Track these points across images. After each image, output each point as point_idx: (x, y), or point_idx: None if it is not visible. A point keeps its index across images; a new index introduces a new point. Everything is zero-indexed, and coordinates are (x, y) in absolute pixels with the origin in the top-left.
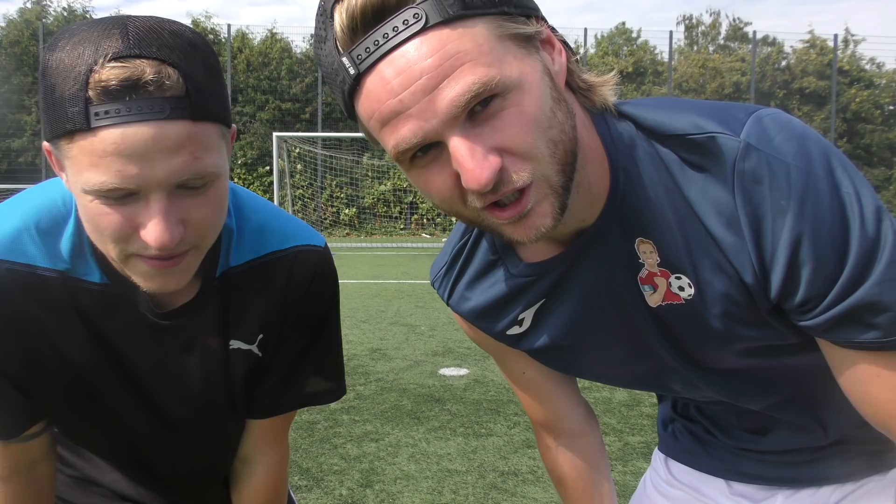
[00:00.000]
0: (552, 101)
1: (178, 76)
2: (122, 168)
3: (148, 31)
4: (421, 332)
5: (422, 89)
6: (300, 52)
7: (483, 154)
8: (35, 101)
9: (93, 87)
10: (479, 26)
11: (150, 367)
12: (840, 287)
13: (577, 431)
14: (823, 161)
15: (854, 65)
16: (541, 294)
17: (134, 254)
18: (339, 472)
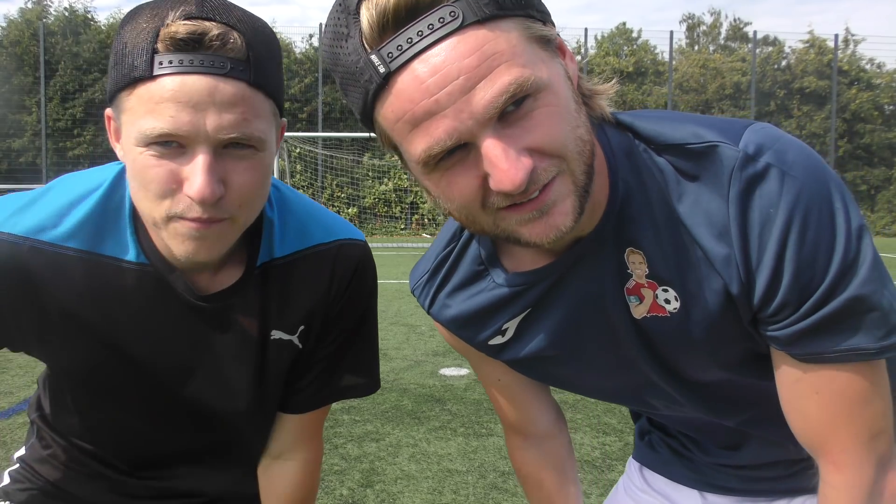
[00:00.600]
0: (575, 103)
1: (242, 41)
2: (175, 114)
3: (221, 2)
4: (421, 332)
5: (459, 89)
6: (300, 53)
7: (516, 155)
8: (35, 101)
9: (161, 39)
10: (511, 27)
11: (183, 350)
12: (813, 300)
13: (546, 434)
14: (817, 173)
15: (854, 65)
16: (527, 304)
17: (176, 216)
18: (340, 472)
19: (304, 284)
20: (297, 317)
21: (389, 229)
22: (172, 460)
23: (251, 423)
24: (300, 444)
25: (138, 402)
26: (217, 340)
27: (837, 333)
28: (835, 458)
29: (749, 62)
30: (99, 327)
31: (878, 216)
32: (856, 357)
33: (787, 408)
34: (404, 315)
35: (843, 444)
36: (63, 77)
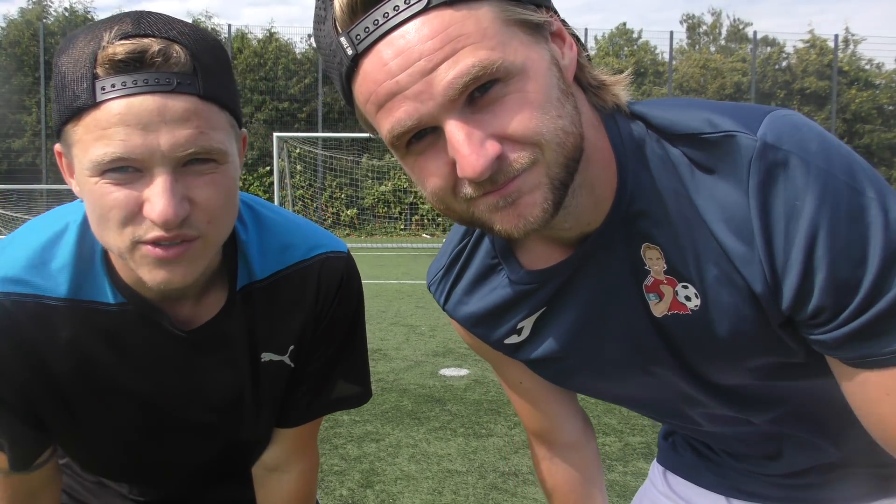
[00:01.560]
0: (559, 91)
1: (185, 54)
2: (125, 138)
3: (159, 17)
4: (421, 332)
5: (420, 71)
6: (300, 53)
7: (481, 140)
8: (35, 101)
9: (100, 63)
10: (484, 8)
11: (177, 382)
12: (857, 301)
13: (573, 443)
14: (844, 162)
15: (854, 65)
16: (542, 302)
17: (139, 241)
18: (340, 473)
19: (289, 304)
20: (287, 337)
21: (389, 230)
22: (178, 479)
23: (253, 439)
24: (296, 456)
25: (141, 433)
26: (208, 369)
27: (889, 333)
28: None
29: (749, 62)
30: (94, 371)
31: None
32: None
33: (860, 414)
34: (404, 315)
35: None
36: None
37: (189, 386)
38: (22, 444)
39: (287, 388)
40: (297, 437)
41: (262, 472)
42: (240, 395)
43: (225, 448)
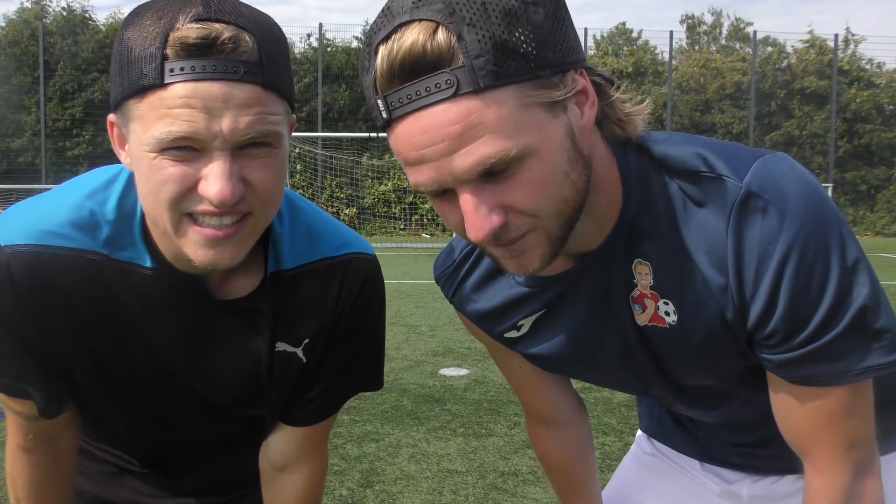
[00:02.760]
0: (568, 163)
1: (254, 43)
2: (190, 118)
3: (230, 3)
4: (421, 332)
5: (442, 151)
6: (299, 53)
7: (487, 212)
8: (34, 101)
9: (171, 44)
10: (507, 97)
11: (193, 356)
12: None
13: (569, 422)
14: (817, 213)
15: (854, 65)
16: (542, 305)
17: (190, 216)
18: (340, 473)
19: (311, 298)
20: (303, 330)
21: (389, 229)
22: (189, 452)
23: (265, 416)
24: (306, 456)
25: (157, 397)
26: (231, 342)
27: (824, 362)
28: (815, 463)
29: (749, 62)
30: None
31: (877, 216)
32: (839, 380)
33: (775, 412)
34: (404, 315)
35: (822, 451)
36: (62, 77)
37: (211, 355)
38: (53, 394)
39: (299, 386)
40: (308, 437)
41: (271, 472)
42: (252, 378)
43: (237, 423)
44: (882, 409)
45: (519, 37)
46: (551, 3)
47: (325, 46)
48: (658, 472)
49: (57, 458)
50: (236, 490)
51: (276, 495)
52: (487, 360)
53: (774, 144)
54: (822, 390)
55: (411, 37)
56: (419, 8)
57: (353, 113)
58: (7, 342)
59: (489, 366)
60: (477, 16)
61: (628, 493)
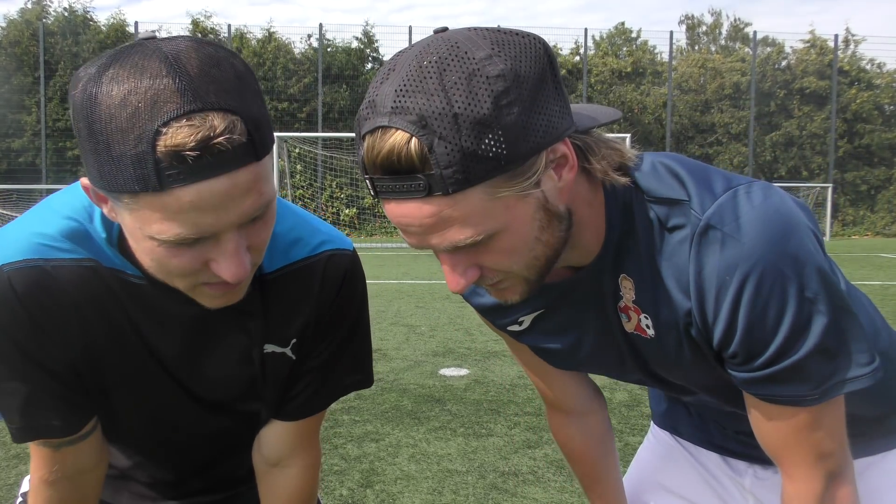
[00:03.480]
0: (538, 230)
1: (241, 123)
2: (198, 220)
3: (200, 75)
4: (421, 332)
5: (419, 232)
6: (299, 53)
7: (462, 271)
8: (35, 101)
9: (163, 149)
10: (474, 194)
11: (189, 358)
12: (763, 359)
13: (586, 410)
14: (776, 246)
15: (854, 65)
16: (541, 306)
17: (201, 283)
18: (340, 473)
19: (295, 298)
20: (290, 330)
21: (389, 229)
22: (189, 451)
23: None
24: (298, 450)
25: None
26: (221, 347)
27: (783, 384)
28: (788, 471)
29: (748, 62)
30: (124, 329)
31: (878, 216)
32: (800, 402)
33: (751, 422)
34: (404, 315)
35: (792, 460)
36: (63, 77)
37: (206, 357)
38: (65, 410)
39: (288, 381)
40: (299, 431)
41: (265, 467)
42: (247, 376)
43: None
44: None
45: (489, 143)
46: (529, 91)
47: (325, 46)
48: (671, 460)
49: (80, 492)
50: (234, 488)
51: (271, 490)
52: (487, 360)
53: (774, 144)
54: (787, 408)
55: (388, 142)
56: (396, 115)
57: (353, 113)
58: (19, 363)
59: (489, 366)
60: (447, 129)
61: (646, 478)
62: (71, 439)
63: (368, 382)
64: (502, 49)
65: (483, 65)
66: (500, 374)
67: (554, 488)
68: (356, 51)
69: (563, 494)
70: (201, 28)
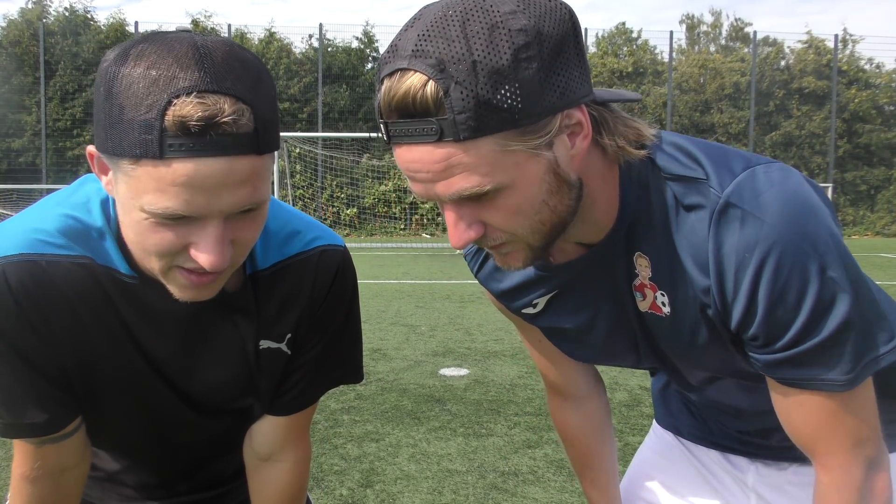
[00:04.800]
0: (547, 193)
1: (250, 113)
2: (189, 198)
3: (223, 63)
4: (421, 332)
5: (427, 179)
6: (300, 53)
7: (465, 226)
8: (35, 101)
9: (171, 119)
10: (486, 144)
11: (183, 356)
12: (785, 340)
13: (585, 395)
14: (797, 224)
15: (853, 65)
16: (555, 287)
17: (176, 266)
18: (340, 472)
19: (289, 294)
20: (284, 326)
21: (389, 229)
22: (182, 449)
23: (255, 411)
24: (289, 444)
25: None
26: (216, 345)
27: (809, 367)
28: (823, 461)
29: (748, 62)
30: (118, 327)
31: (877, 216)
32: (824, 386)
33: (778, 412)
34: (404, 315)
35: (828, 449)
36: (63, 77)
37: (201, 354)
38: (50, 407)
39: (282, 376)
40: (290, 425)
41: (255, 462)
42: (243, 373)
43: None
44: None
45: (504, 94)
46: (550, 51)
47: (325, 46)
48: (671, 458)
49: (61, 490)
50: (223, 485)
51: (262, 485)
52: (487, 360)
53: (774, 144)
54: (816, 394)
55: (405, 84)
56: (416, 58)
57: (353, 113)
58: (6, 357)
59: (489, 366)
60: (464, 75)
61: (646, 476)
62: (54, 437)
63: (359, 376)
64: (527, 7)
65: (506, 18)
66: (500, 374)
67: (554, 488)
68: (356, 51)
69: (564, 494)
70: (201, 28)
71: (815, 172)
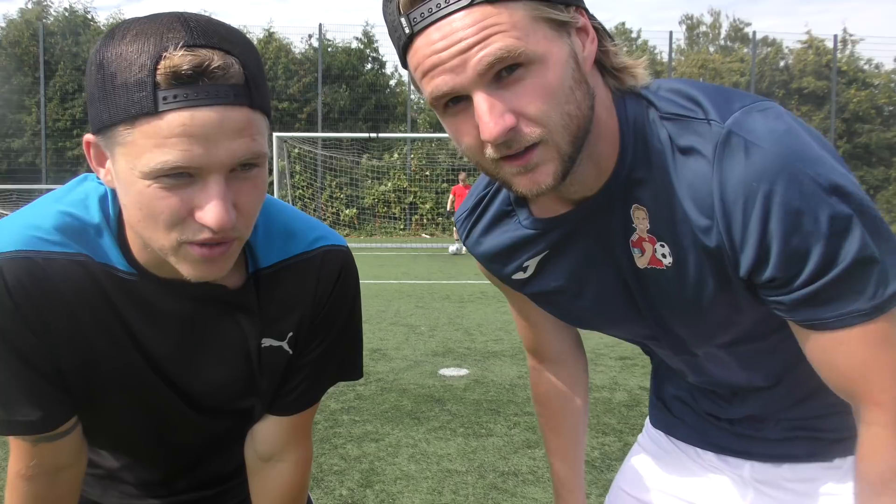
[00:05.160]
0: (573, 80)
1: (239, 66)
2: (187, 148)
3: (208, 25)
4: (421, 332)
5: (459, 50)
6: (299, 53)
7: (500, 112)
8: (35, 102)
9: (162, 72)
10: (517, 6)
11: (184, 354)
12: (807, 274)
13: (557, 360)
14: (803, 151)
15: (853, 65)
16: (545, 246)
17: (185, 241)
18: (340, 473)
19: (291, 292)
20: (286, 325)
21: (389, 229)
22: (183, 448)
23: (256, 411)
24: (291, 445)
25: (151, 397)
26: (218, 343)
27: (835, 302)
28: (876, 399)
29: (747, 62)
30: (116, 326)
31: None
32: (854, 319)
33: (815, 363)
34: (404, 315)
35: (881, 384)
36: (63, 77)
37: (202, 353)
38: (45, 405)
39: (284, 376)
40: (292, 426)
41: (257, 462)
42: (245, 372)
43: (229, 419)
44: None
45: None
46: None
47: (325, 46)
48: (665, 459)
49: (58, 489)
50: (224, 483)
51: (263, 485)
52: (487, 360)
53: None
54: (849, 332)
55: None
56: None
57: (353, 113)
58: (2, 354)
59: (489, 366)
60: None
61: (639, 474)
62: (49, 435)
63: (359, 373)
64: None
65: None
66: (500, 374)
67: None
68: (356, 51)
69: None
70: None
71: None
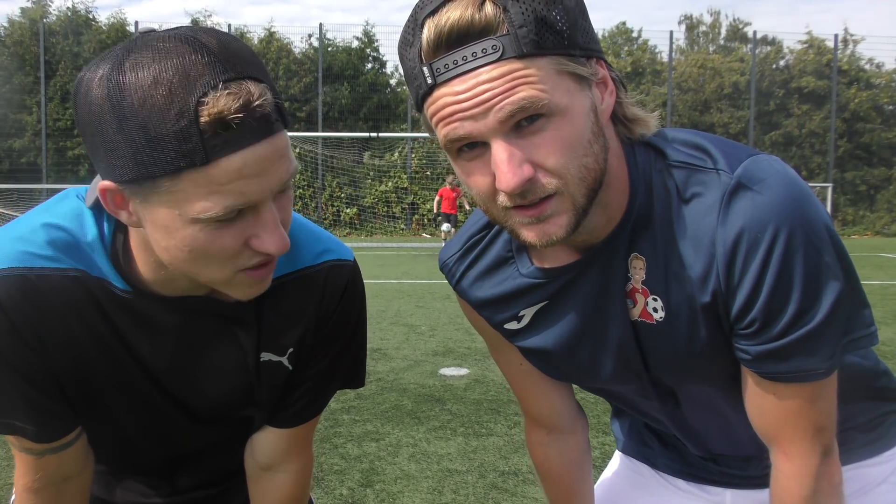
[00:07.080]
0: (591, 134)
1: (269, 91)
2: (243, 189)
3: (220, 47)
4: (421, 332)
5: (482, 99)
6: (299, 53)
7: (519, 162)
8: (36, 101)
9: (207, 120)
10: (543, 61)
11: (182, 369)
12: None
13: (568, 429)
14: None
15: (853, 65)
16: (545, 296)
17: (241, 269)
18: (340, 472)
19: (293, 307)
20: (287, 340)
21: (389, 229)
22: (183, 456)
23: (256, 420)
24: (292, 456)
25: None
26: (216, 357)
27: (795, 358)
28: (785, 449)
29: (747, 62)
30: (113, 341)
31: (877, 216)
32: (806, 376)
33: (747, 402)
34: (404, 315)
35: (791, 437)
36: (64, 77)
37: (200, 367)
38: (40, 419)
39: (284, 390)
40: (293, 437)
41: (257, 471)
42: (243, 385)
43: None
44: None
45: (555, 15)
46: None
47: (325, 46)
48: (640, 485)
49: (65, 499)
50: (228, 480)
51: (262, 494)
52: (487, 360)
53: (774, 144)
54: (792, 385)
55: (459, 9)
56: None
57: (353, 113)
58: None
59: (489, 366)
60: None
61: (613, 495)
62: (53, 447)
63: (361, 383)
64: None
65: None
66: (500, 374)
67: None
68: (356, 51)
69: None
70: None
71: (815, 172)
